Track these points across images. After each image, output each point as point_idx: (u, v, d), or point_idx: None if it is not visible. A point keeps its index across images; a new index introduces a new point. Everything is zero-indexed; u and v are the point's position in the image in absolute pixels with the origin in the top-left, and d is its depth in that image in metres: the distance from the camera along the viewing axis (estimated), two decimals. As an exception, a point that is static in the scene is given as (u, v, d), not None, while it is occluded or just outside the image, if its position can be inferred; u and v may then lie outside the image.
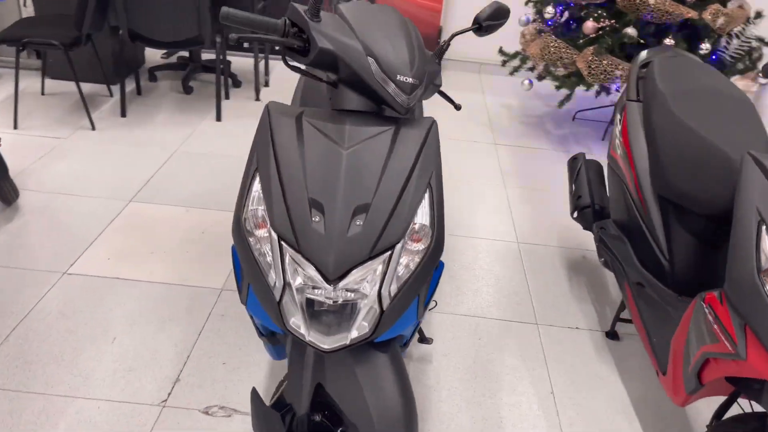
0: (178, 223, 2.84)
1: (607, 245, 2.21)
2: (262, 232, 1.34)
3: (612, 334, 2.38)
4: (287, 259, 1.29)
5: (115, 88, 4.36)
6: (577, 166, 2.64)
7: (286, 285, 1.29)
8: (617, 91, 3.88)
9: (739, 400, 2.03)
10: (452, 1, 5.15)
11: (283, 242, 1.29)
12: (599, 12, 3.63)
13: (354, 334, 1.29)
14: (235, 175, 3.32)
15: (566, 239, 3.04)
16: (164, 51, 5.15)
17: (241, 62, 5.15)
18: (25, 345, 2.08)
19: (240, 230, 1.36)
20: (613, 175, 2.29)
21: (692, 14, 3.52)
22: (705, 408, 2.10)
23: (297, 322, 1.30)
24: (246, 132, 3.87)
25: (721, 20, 3.59)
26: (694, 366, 1.55)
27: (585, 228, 2.52)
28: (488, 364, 2.20)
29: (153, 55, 5.07)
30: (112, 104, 4.11)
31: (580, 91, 5.00)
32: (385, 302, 1.29)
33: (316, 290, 1.29)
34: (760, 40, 3.81)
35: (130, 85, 4.42)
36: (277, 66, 5.18)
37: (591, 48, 3.64)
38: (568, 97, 3.94)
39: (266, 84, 4.71)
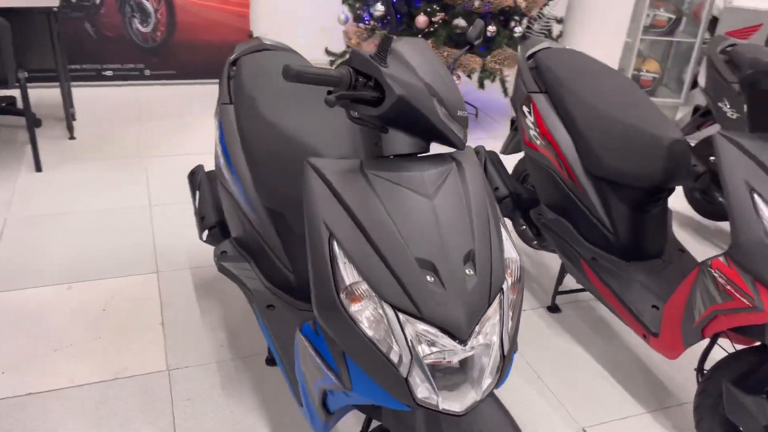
0: (65, 306, 2.35)
1: (550, 229, 2.38)
2: (360, 306, 1.19)
3: (554, 308, 2.58)
4: (408, 329, 1.17)
5: None
6: (480, 160, 2.77)
7: (413, 358, 1.17)
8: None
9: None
10: (259, 4, 4.95)
11: (398, 312, 1.17)
12: (432, 6, 3.80)
13: (484, 386, 1.23)
14: (99, 234, 2.83)
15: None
16: None
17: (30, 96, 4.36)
18: None
19: (336, 310, 1.20)
20: (535, 164, 2.45)
21: (509, 2, 3.87)
22: (660, 358, 2.40)
23: (425, 393, 1.20)
24: (79, 180, 3.31)
25: (524, 4, 4.01)
26: (699, 323, 1.77)
27: (504, 216, 2.67)
28: (473, 367, 2.23)
29: None
30: None
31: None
32: (506, 347, 1.25)
33: (437, 354, 1.19)
34: (556, 18, 4.35)
35: None
36: (76, 94, 4.49)
37: (429, 41, 3.81)
38: (411, 90, 4.07)
39: (73, 117, 4.06)
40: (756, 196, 1.62)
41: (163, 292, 2.48)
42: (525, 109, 2.49)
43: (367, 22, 4.24)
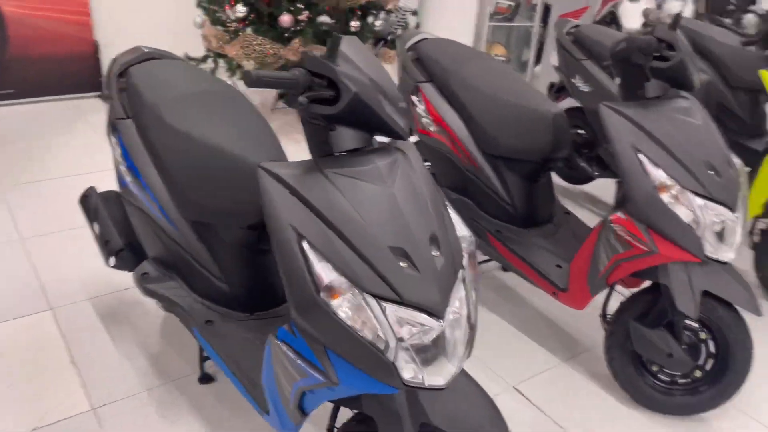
0: (-48, 362, 2.09)
1: (453, 209, 2.52)
2: (341, 301, 1.23)
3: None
4: (391, 315, 1.22)
5: None
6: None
7: (398, 342, 1.22)
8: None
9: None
10: (101, 11, 4.62)
11: (380, 300, 1.22)
12: (296, 5, 3.80)
13: (459, 357, 1.32)
14: (-28, 276, 2.53)
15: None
16: None
17: None
18: None
19: (318, 309, 1.22)
20: (432, 149, 2.57)
21: (369, -3, 3.99)
22: (562, 308, 2.64)
23: (411, 373, 1.26)
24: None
25: (382, -2, 4.16)
26: (604, 273, 2.00)
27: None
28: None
29: None
30: None
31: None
32: (473, 318, 1.35)
33: (418, 334, 1.26)
34: (411, 11, 4.55)
35: None
36: None
37: (297, 40, 3.82)
38: (283, 90, 4.05)
39: None
40: (641, 156, 1.86)
41: (65, 328, 2.29)
42: (414, 98, 2.61)
43: (223, 23, 4.13)
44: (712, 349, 2.00)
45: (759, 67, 2.96)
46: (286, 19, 3.84)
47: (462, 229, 1.42)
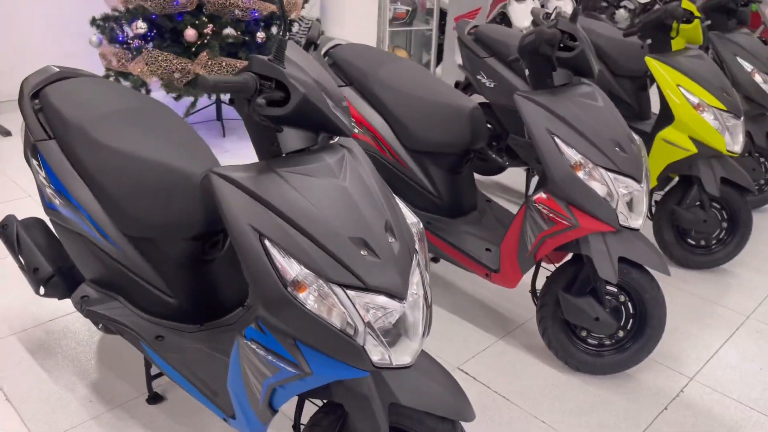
0: None
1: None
2: (308, 293, 1.28)
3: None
4: (357, 301, 1.28)
5: None
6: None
7: (366, 326, 1.29)
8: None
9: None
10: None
11: (346, 289, 1.27)
12: (200, 18, 3.76)
13: (420, 335, 1.40)
14: None
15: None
16: None
17: None
18: None
19: (287, 304, 1.27)
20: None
21: (273, 8, 4.01)
22: (492, 289, 2.79)
23: (378, 355, 1.33)
24: None
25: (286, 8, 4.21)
26: (532, 250, 2.15)
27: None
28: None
29: None
30: None
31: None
32: (429, 298, 1.44)
33: (382, 317, 1.33)
34: (316, 19, 4.61)
35: None
36: None
37: (204, 53, 3.78)
38: (193, 104, 4.00)
39: None
40: (556, 139, 2.03)
41: (-8, 366, 2.16)
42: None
43: (122, 41, 4.02)
44: (631, 309, 2.20)
45: (640, 55, 3.27)
46: (190, 33, 3.80)
47: (410, 216, 1.50)
